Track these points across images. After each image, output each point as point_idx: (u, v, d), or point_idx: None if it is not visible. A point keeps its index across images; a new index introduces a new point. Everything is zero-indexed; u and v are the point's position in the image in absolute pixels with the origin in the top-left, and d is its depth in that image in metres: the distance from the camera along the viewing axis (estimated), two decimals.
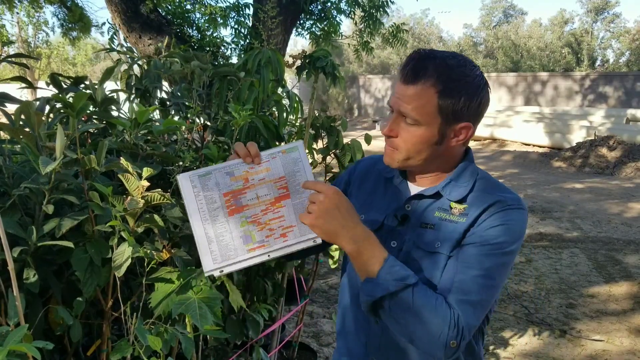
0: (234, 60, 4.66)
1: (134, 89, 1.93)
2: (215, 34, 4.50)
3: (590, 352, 3.15)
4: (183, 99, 1.92)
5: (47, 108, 1.50)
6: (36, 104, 1.44)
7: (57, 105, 1.51)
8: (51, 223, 1.16)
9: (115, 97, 1.62)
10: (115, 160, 1.29)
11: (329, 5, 4.97)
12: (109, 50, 2.23)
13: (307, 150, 2.14)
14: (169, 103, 1.97)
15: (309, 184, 0.99)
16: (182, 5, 4.53)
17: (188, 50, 2.62)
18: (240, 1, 4.67)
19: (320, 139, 2.25)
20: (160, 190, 1.21)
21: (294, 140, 1.11)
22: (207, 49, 4.19)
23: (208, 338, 1.81)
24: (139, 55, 3.48)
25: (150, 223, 1.21)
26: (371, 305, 0.94)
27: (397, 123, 1.00)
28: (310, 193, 0.98)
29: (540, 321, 3.56)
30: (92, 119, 1.58)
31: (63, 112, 1.49)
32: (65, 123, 1.39)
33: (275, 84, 2.06)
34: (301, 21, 5.18)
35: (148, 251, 1.18)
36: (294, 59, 2.19)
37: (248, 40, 4.52)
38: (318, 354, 2.93)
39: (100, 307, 1.37)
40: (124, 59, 1.97)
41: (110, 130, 1.61)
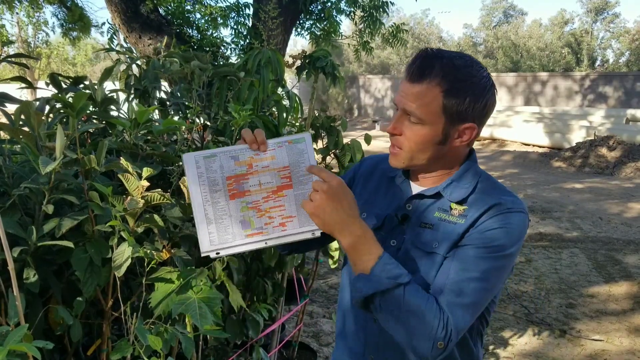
0: (234, 60, 4.66)
1: (133, 89, 1.93)
2: (215, 34, 4.50)
3: (589, 352, 3.16)
4: (182, 99, 1.92)
5: (47, 108, 1.50)
6: (36, 104, 1.44)
7: (57, 105, 1.51)
8: (51, 223, 1.16)
9: (115, 97, 1.63)
10: (115, 160, 1.29)
11: (329, 5, 4.97)
12: (108, 50, 2.22)
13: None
14: (168, 103, 1.97)
15: (314, 170, 0.98)
16: (182, 6, 4.54)
17: (188, 50, 2.62)
18: (240, 1, 4.68)
19: (320, 139, 2.25)
20: (160, 190, 1.21)
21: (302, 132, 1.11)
22: (207, 49, 4.19)
23: (208, 338, 1.81)
24: (139, 55, 3.48)
25: (150, 223, 1.22)
26: (362, 301, 0.94)
27: (401, 121, 1.00)
28: (315, 180, 0.97)
29: (540, 321, 3.56)
30: (92, 119, 1.58)
31: (63, 112, 1.49)
32: (65, 123, 1.39)
33: (275, 84, 2.06)
34: (301, 21, 5.18)
35: (148, 251, 1.18)
36: (294, 59, 2.19)
37: (248, 41, 4.52)
38: (318, 353, 2.93)
39: (100, 307, 1.37)
40: (123, 59, 1.97)
41: (110, 130, 1.61)
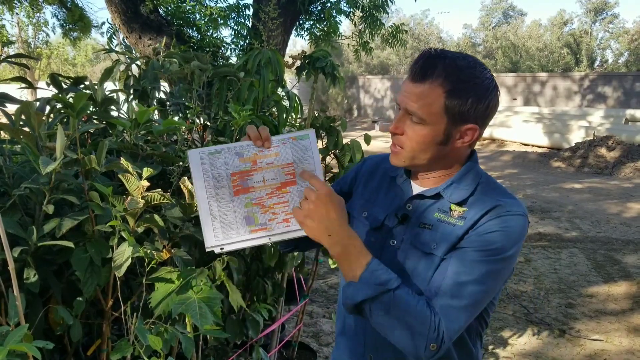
0: (234, 60, 4.67)
1: (132, 89, 1.93)
2: (215, 35, 4.50)
3: (589, 352, 3.16)
4: (182, 99, 1.92)
5: (48, 108, 1.50)
6: (36, 104, 1.44)
7: (57, 105, 1.52)
8: (51, 223, 1.16)
9: (115, 98, 1.63)
10: (115, 161, 1.29)
11: (329, 5, 4.97)
12: (108, 51, 2.23)
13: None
14: (168, 103, 1.97)
15: (305, 175, 0.98)
16: (182, 6, 4.54)
17: (188, 50, 2.62)
18: (241, 2, 4.68)
19: (320, 139, 2.25)
20: (160, 190, 1.22)
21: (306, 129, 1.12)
22: (207, 49, 4.20)
23: (208, 338, 1.82)
24: (138, 55, 3.49)
25: (150, 223, 1.22)
26: (353, 307, 0.95)
27: (403, 121, 0.99)
28: (307, 186, 0.98)
29: (540, 321, 3.56)
30: (92, 119, 1.58)
31: (63, 112, 1.49)
32: (66, 123, 1.39)
33: (275, 84, 2.06)
34: (301, 22, 5.18)
35: (148, 251, 1.19)
36: (294, 60, 2.19)
37: (248, 41, 4.53)
38: (318, 353, 2.94)
39: (100, 307, 1.37)
40: (123, 59, 1.97)
41: (110, 131, 1.61)
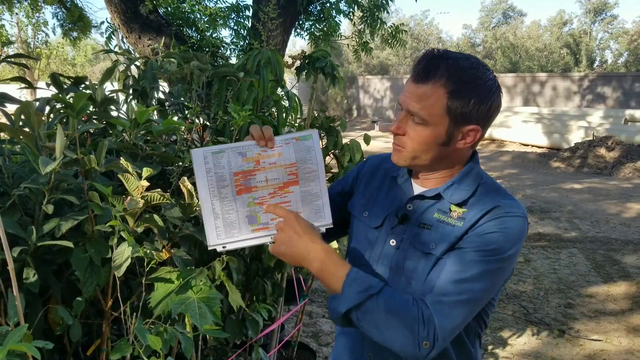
0: (233, 60, 4.67)
1: (131, 89, 1.93)
2: (214, 35, 4.50)
3: (588, 352, 3.16)
4: (182, 99, 1.92)
5: (47, 108, 1.50)
6: (36, 104, 1.44)
7: (57, 105, 1.52)
8: (51, 223, 1.16)
9: (115, 98, 1.63)
10: (115, 161, 1.29)
11: (328, 5, 4.97)
12: (107, 52, 2.23)
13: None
14: (167, 103, 1.97)
15: (270, 208, 1.03)
16: (182, 7, 4.53)
17: (187, 50, 2.62)
18: (240, 2, 4.68)
19: (320, 139, 2.25)
20: (160, 190, 1.22)
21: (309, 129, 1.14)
22: (207, 49, 4.19)
23: (207, 338, 1.82)
24: (137, 55, 3.49)
25: (150, 223, 1.22)
26: (341, 318, 0.96)
27: (405, 121, 1.00)
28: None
29: (539, 321, 3.56)
30: (92, 119, 1.58)
31: (63, 112, 1.49)
32: (65, 123, 1.39)
33: (275, 85, 2.06)
34: (300, 22, 5.18)
35: (148, 251, 1.19)
36: (293, 60, 2.19)
37: (247, 41, 4.53)
38: (317, 353, 2.94)
39: (100, 307, 1.37)
40: (122, 59, 1.97)
41: (110, 131, 1.62)
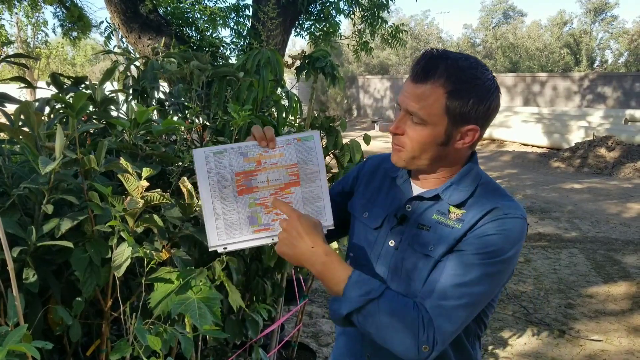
0: (233, 60, 4.66)
1: (131, 89, 1.93)
2: (214, 35, 4.50)
3: (589, 352, 3.16)
4: (181, 99, 1.92)
5: (47, 108, 1.50)
6: (35, 104, 1.44)
7: (57, 105, 1.52)
8: (51, 223, 1.16)
9: (114, 98, 1.63)
10: (114, 161, 1.29)
11: (328, 5, 4.96)
12: (107, 52, 2.22)
13: None
14: (167, 103, 1.97)
15: (276, 204, 1.02)
16: (181, 7, 4.54)
17: (187, 50, 2.62)
18: (240, 2, 4.68)
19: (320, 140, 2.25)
20: (159, 190, 1.22)
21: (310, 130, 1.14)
22: (207, 49, 4.19)
23: (207, 338, 1.81)
24: (137, 55, 3.49)
25: (150, 223, 1.22)
26: (342, 320, 0.96)
27: (404, 121, 0.99)
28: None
29: (539, 321, 3.56)
30: (92, 119, 1.58)
31: (63, 112, 1.49)
32: (65, 123, 1.39)
33: (275, 84, 2.06)
34: (300, 22, 5.18)
35: (147, 251, 1.18)
36: (293, 60, 2.19)
37: (247, 41, 4.53)
38: (317, 354, 2.93)
39: (99, 307, 1.37)
40: (122, 59, 1.97)
41: (109, 131, 1.61)
